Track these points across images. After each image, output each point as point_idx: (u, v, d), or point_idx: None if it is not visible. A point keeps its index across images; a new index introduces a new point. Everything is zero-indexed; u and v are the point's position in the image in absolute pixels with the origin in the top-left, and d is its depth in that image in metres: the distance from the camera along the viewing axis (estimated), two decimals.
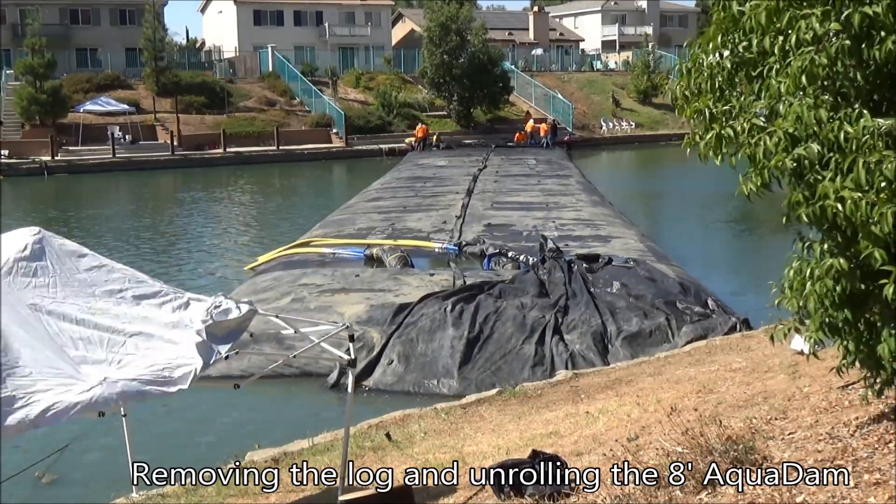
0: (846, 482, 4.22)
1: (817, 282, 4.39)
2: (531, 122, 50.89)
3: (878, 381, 4.82)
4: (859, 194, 3.92)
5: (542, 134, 48.53)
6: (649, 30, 74.22)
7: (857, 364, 4.77)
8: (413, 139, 47.46)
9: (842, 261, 4.27)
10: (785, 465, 4.60)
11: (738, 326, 12.53)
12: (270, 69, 57.43)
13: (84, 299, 5.27)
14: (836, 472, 4.35)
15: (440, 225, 22.08)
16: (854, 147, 3.99)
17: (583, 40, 78.32)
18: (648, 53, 61.88)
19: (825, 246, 4.46)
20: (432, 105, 54.49)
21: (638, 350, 12.16)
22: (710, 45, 4.78)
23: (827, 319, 4.52)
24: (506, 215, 23.30)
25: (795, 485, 4.34)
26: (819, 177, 4.16)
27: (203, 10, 73.15)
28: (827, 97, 4.17)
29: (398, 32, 72.67)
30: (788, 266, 4.67)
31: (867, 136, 3.94)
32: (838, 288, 4.34)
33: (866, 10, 3.94)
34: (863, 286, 4.34)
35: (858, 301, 4.43)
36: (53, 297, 5.22)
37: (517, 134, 49.20)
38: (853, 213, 3.94)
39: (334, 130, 49.89)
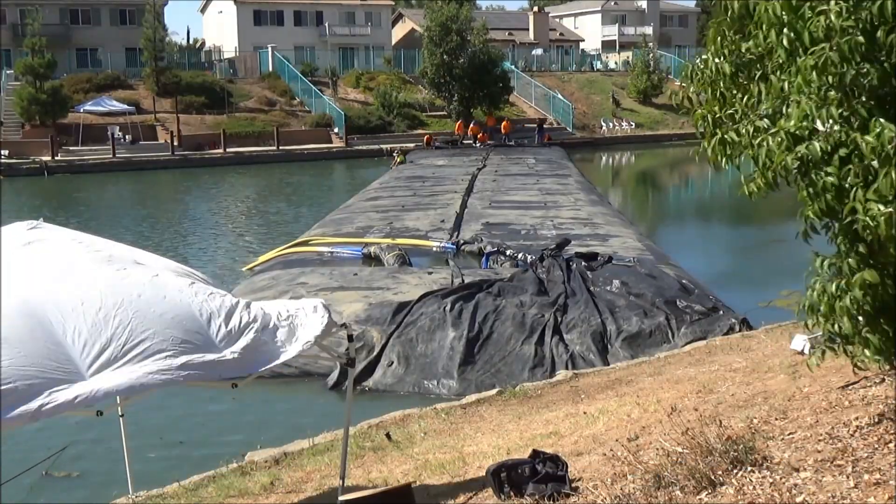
0: (846, 482, 4.22)
1: (846, 296, 4.31)
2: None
3: None
4: (890, 209, 3.89)
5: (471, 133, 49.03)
6: (649, 30, 74.22)
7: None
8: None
9: (872, 272, 4.21)
10: (785, 465, 4.60)
11: (738, 326, 12.53)
12: (270, 69, 57.45)
13: (86, 284, 5.22)
14: (836, 472, 4.35)
15: (438, 224, 22.08)
16: (875, 157, 3.95)
17: (583, 40, 78.33)
18: (648, 53, 61.86)
19: (850, 260, 4.38)
20: (432, 105, 54.49)
21: (638, 350, 12.15)
22: (712, 48, 4.78)
23: (865, 336, 4.45)
24: (504, 214, 23.31)
25: (795, 485, 4.33)
26: (823, 173, 4.15)
27: (203, 10, 73.21)
28: (834, 94, 4.14)
29: (398, 32, 72.69)
30: (811, 288, 4.58)
31: (890, 146, 3.89)
32: (869, 299, 4.27)
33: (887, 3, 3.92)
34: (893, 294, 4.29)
35: (893, 312, 4.40)
36: (55, 282, 5.18)
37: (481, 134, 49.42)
38: (886, 227, 3.90)
39: (334, 130, 49.92)
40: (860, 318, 4.37)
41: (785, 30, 4.26)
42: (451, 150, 45.75)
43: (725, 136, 4.56)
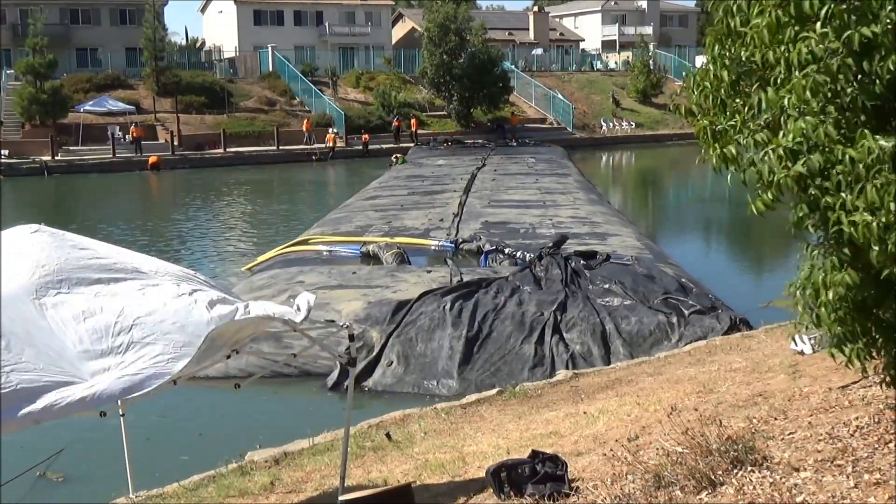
0: (846, 482, 4.22)
1: (829, 289, 4.34)
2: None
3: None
4: (870, 217, 3.91)
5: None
6: (649, 30, 74.24)
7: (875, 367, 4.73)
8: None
9: (852, 273, 4.23)
10: (785, 464, 4.59)
11: (737, 326, 12.51)
12: (270, 69, 57.42)
13: (88, 292, 5.24)
14: (836, 472, 4.35)
15: (437, 223, 22.09)
16: (861, 168, 3.96)
17: (583, 40, 78.32)
18: (648, 53, 61.86)
19: (834, 259, 4.41)
20: (432, 105, 54.50)
21: (637, 350, 12.15)
22: (710, 57, 4.77)
23: (839, 327, 4.47)
24: (503, 213, 23.30)
25: (795, 485, 4.33)
26: (820, 192, 4.14)
27: (203, 10, 73.18)
28: (832, 110, 4.13)
29: (398, 32, 72.68)
30: (798, 275, 4.62)
31: (872, 158, 3.91)
32: (849, 298, 4.29)
33: (864, 31, 3.93)
34: (875, 293, 4.30)
35: (870, 307, 4.40)
36: (57, 291, 5.19)
37: None
38: (865, 235, 3.93)
39: (334, 130, 49.90)
40: (838, 311, 4.39)
41: (781, 48, 4.26)
42: (451, 149, 45.75)
43: (725, 151, 4.55)
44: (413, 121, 50.02)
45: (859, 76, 4.10)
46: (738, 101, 4.69)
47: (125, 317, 5.08)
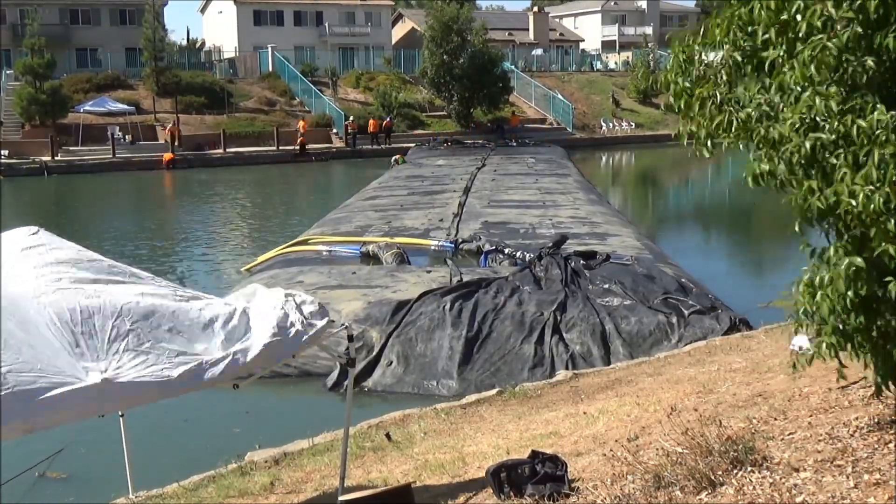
0: (846, 482, 4.22)
1: (829, 286, 4.24)
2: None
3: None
4: (871, 187, 3.85)
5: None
6: (649, 30, 74.28)
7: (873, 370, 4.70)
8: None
9: (859, 259, 4.15)
10: (785, 465, 4.59)
11: (737, 326, 12.51)
12: (270, 69, 57.44)
13: (84, 296, 5.24)
14: (836, 472, 4.35)
15: (437, 223, 22.08)
16: (866, 140, 3.90)
17: (583, 40, 78.35)
18: (648, 53, 61.91)
19: (840, 244, 4.31)
20: (432, 105, 54.51)
21: (637, 350, 12.15)
22: (718, 39, 4.71)
23: (840, 326, 4.38)
24: (503, 213, 23.30)
25: (795, 485, 4.33)
26: (832, 163, 4.07)
27: (203, 10, 73.23)
28: (835, 88, 4.08)
29: (398, 32, 72.71)
30: (800, 280, 4.52)
31: (880, 129, 3.85)
32: (850, 293, 4.20)
33: None
34: (878, 288, 4.24)
35: (871, 306, 4.35)
36: (55, 292, 5.19)
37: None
38: (865, 207, 3.85)
39: (334, 130, 49.93)
40: (837, 305, 4.28)
41: (786, 28, 4.21)
42: (451, 150, 45.79)
43: (733, 118, 4.45)
44: (372, 122, 49.96)
45: (868, 53, 4.03)
46: (742, 83, 4.62)
47: (122, 319, 5.06)
